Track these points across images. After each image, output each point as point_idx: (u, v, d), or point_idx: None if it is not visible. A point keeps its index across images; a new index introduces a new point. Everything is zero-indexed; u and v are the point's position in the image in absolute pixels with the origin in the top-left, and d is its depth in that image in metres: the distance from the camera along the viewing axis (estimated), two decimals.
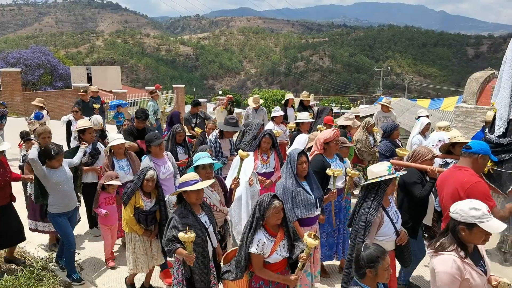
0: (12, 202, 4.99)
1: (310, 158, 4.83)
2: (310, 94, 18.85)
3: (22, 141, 7.17)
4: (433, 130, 6.75)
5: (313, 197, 4.04)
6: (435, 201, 4.50)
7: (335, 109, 34.96)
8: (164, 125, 10.06)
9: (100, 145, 6.09)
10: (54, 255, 5.31)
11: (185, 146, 6.32)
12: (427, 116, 7.35)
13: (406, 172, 4.12)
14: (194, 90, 68.71)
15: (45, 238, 5.84)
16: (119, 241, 5.80)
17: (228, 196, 4.38)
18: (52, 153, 4.56)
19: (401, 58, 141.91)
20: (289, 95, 9.79)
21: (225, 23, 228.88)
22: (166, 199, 4.54)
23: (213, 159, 4.18)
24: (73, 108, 8.77)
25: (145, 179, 4.30)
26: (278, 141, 5.99)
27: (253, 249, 3.24)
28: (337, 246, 4.88)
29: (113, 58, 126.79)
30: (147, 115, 7.04)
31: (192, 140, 7.52)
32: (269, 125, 7.76)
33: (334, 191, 4.32)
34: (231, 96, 9.99)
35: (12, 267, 5.12)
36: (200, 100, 25.10)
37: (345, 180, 4.71)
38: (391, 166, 3.53)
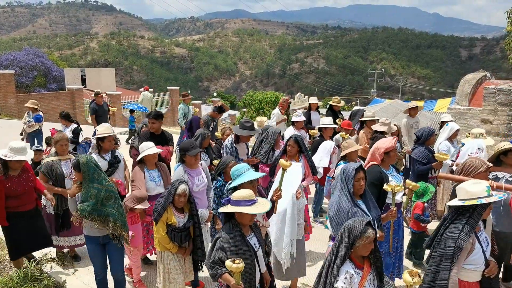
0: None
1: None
2: (305, 96, 18.83)
3: (47, 147, 7.13)
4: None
5: (371, 218, 3.61)
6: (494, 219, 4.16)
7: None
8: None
9: (119, 153, 5.64)
10: (49, 256, 5.27)
11: (207, 152, 5.79)
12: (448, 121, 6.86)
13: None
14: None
15: None
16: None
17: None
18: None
19: (395, 60, 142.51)
20: (312, 99, 9.11)
21: (220, 25, 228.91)
22: (199, 212, 4.29)
23: (253, 170, 3.83)
24: (59, 116, 8.26)
25: (176, 194, 3.94)
26: None
27: (340, 284, 2.78)
28: (393, 266, 4.49)
29: (108, 60, 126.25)
30: (162, 115, 6.25)
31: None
32: (289, 130, 7.44)
33: (394, 209, 3.83)
34: (287, 98, 9.17)
35: (6, 268, 5.07)
36: (195, 102, 25.42)
37: (404, 193, 4.28)
38: (490, 186, 3.14)
